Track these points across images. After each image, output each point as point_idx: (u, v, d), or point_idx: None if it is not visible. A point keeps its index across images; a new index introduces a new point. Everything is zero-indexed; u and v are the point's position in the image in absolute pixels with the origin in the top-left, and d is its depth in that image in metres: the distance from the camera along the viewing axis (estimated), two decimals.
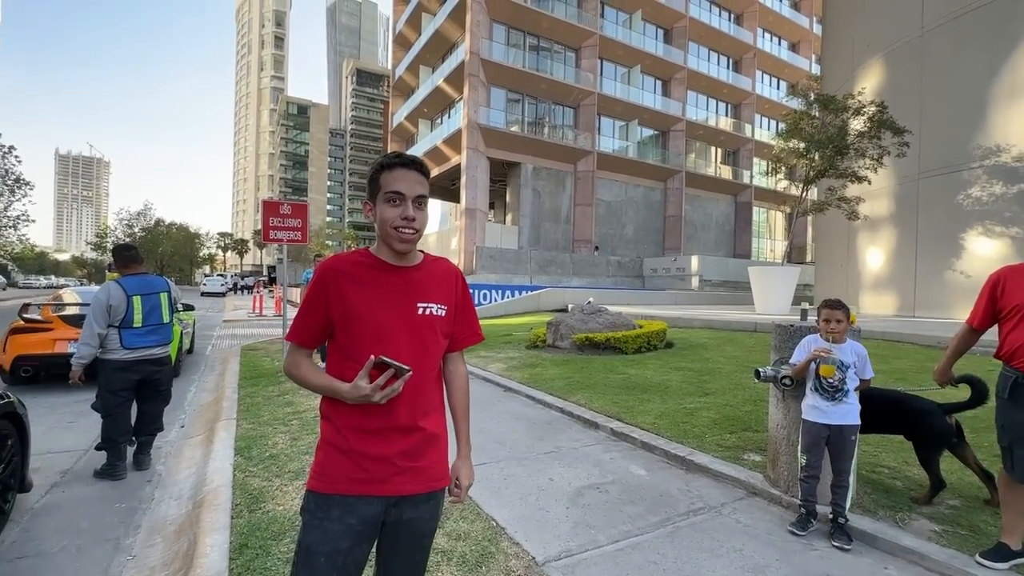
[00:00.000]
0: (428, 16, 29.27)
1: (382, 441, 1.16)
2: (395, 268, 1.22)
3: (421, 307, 1.22)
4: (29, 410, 5.04)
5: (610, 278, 26.65)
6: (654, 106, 29.51)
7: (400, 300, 1.19)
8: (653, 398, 5.17)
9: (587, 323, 7.99)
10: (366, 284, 1.19)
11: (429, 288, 1.25)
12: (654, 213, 30.66)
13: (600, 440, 4.24)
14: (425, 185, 1.20)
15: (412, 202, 1.16)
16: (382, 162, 1.19)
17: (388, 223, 1.16)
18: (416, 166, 1.18)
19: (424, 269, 1.27)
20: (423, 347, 1.21)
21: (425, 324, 1.21)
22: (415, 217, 1.16)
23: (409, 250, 1.21)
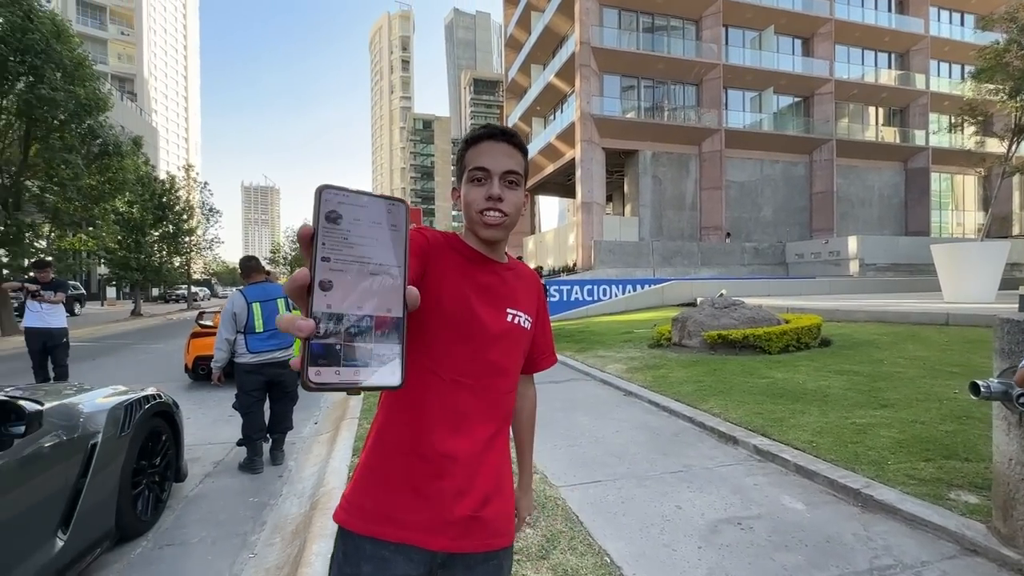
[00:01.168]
0: (537, 14, 29.23)
1: (436, 473, 0.91)
2: (488, 261, 1.02)
3: (511, 314, 1.02)
4: (202, 403, 5.91)
5: (745, 267, 24.01)
6: (793, 69, 25.89)
7: (491, 300, 0.99)
8: (808, 409, 4.27)
9: (719, 318, 7.07)
10: (457, 272, 0.97)
11: (517, 292, 1.05)
12: (797, 191, 26.92)
13: (740, 459, 3.56)
14: (518, 160, 0.98)
15: (499, 179, 0.96)
16: (467, 137, 1.00)
17: (473, 206, 0.97)
18: (506, 137, 0.98)
19: (512, 270, 1.07)
20: (506, 361, 1.00)
21: (513, 335, 1.01)
22: (502, 196, 0.96)
23: (498, 239, 1.00)
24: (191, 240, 25.70)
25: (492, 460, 0.97)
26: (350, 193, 0.50)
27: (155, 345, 11.60)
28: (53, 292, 5.65)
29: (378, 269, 0.51)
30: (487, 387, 0.96)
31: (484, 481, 0.95)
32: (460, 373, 0.94)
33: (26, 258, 12.82)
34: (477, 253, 1.01)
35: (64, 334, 5.79)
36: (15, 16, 11.21)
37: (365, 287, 0.50)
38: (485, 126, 0.99)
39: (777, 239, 25.96)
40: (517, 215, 0.99)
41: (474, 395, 0.94)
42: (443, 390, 0.93)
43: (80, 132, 13.53)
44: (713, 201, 24.75)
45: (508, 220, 0.97)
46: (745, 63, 25.14)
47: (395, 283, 0.52)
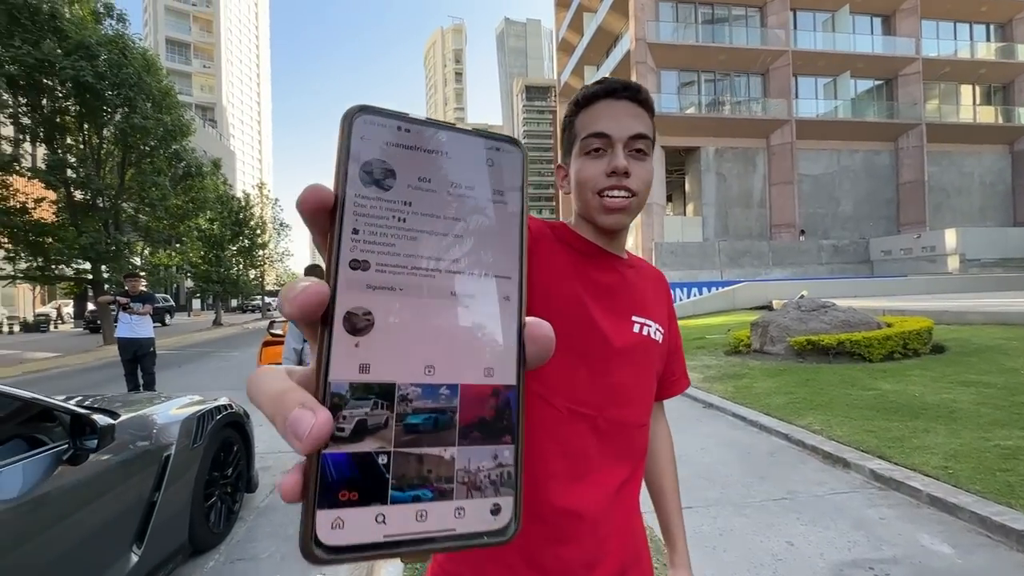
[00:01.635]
0: (589, 15, 28.82)
1: (557, 535, 0.68)
2: (607, 256, 0.80)
3: (638, 323, 0.78)
4: None
5: (823, 266, 22.21)
6: (872, 50, 23.80)
7: (612, 306, 0.76)
8: (934, 427, 3.67)
9: (807, 322, 6.40)
10: (570, 271, 0.76)
11: (645, 295, 0.82)
12: (881, 182, 24.64)
13: (855, 486, 3.08)
14: (646, 121, 0.76)
15: (623, 148, 0.73)
16: (577, 97, 0.79)
17: (588, 185, 0.75)
18: (629, 92, 0.75)
19: (635, 267, 0.84)
20: (636, 386, 0.76)
21: (642, 350, 0.77)
22: (629, 170, 0.73)
23: (623, 226, 0.78)
24: (264, 253, 27.36)
25: (624, 517, 0.74)
26: (412, 123, 0.26)
27: (232, 353, 12.28)
28: (141, 304, 6.01)
29: (468, 287, 0.26)
30: (613, 419, 0.72)
31: (618, 546, 0.72)
32: (578, 401, 0.71)
33: (123, 274, 14.06)
34: (593, 246, 0.79)
35: (151, 344, 6.13)
36: (113, 54, 12.35)
37: (441, 326, 0.25)
38: (601, 81, 0.76)
39: (859, 235, 23.86)
40: (646, 194, 0.76)
41: (597, 430, 0.71)
42: (558, 423, 0.70)
43: (167, 156, 14.71)
44: (784, 197, 23.14)
45: (636, 201, 0.75)
46: (817, 47, 23.41)
47: (503, 315, 0.26)
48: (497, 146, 0.28)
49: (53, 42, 11.50)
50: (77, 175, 13.06)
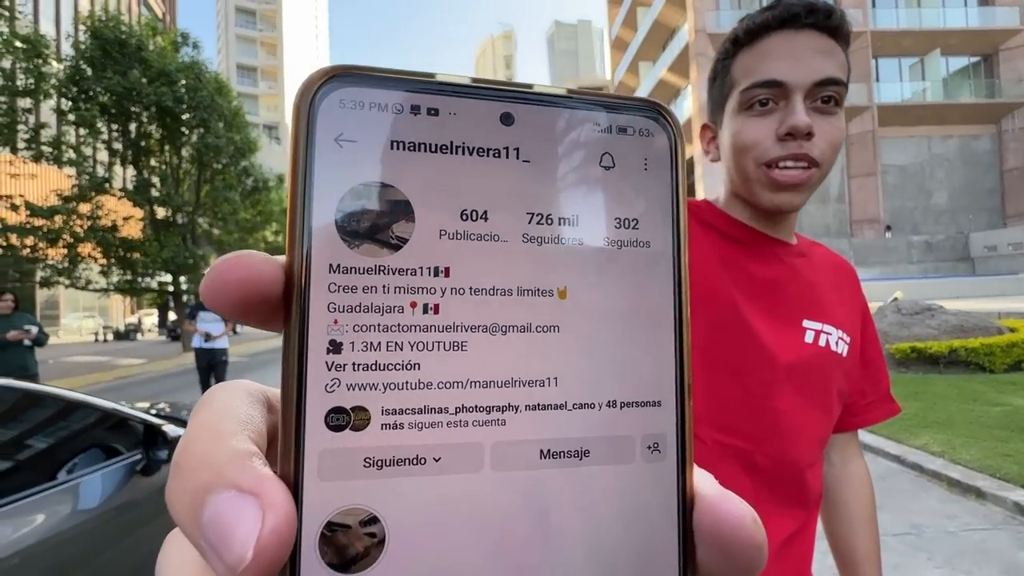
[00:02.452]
0: (644, 9, 28.07)
1: None
2: (770, 243, 0.62)
3: (813, 330, 0.60)
4: None
5: (914, 265, 20.20)
6: (966, 24, 21.47)
7: (777, 308, 0.60)
8: None
9: (910, 327, 5.69)
10: (716, 262, 0.60)
11: (822, 293, 0.63)
12: (981, 170, 22.11)
13: (997, 522, 2.58)
14: (840, 60, 0.58)
15: (806, 99, 0.55)
16: (736, 33, 0.60)
17: (751, 153, 0.58)
18: (815, 19, 0.56)
19: (807, 256, 0.65)
20: (808, 413, 0.59)
21: (819, 365, 0.60)
22: (812, 131, 0.55)
23: (794, 207, 0.60)
24: None
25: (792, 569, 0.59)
26: (442, 91, 0.14)
27: None
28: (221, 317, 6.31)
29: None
30: (776, 456, 0.57)
31: None
32: (730, 431, 0.57)
33: (196, 283, 15.12)
34: (751, 231, 0.62)
35: (224, 353, 6.44)
36: (189, 78, 13.33)
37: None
38: (774, 5, 0.57)
39: (956, 230, 21.52)
40: (832, 163, 0.58)
41: (754, 469, 0.57)
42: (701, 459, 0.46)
43: (237, 172, 15.70)
44: (866, 190, 21.29)
45: (818, 174, 0.57)
46: (900, 26, 21.45)
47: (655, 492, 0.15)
48: (626, 124, 0.15)
49: (139, 71, 12.56)
50: (160, 193, 14.18)
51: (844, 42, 0.59)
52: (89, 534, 1.58)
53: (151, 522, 1.82)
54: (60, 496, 1.54)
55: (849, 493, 0.68)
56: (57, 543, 1.43)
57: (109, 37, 12.20)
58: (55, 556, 1.44)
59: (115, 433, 1.94)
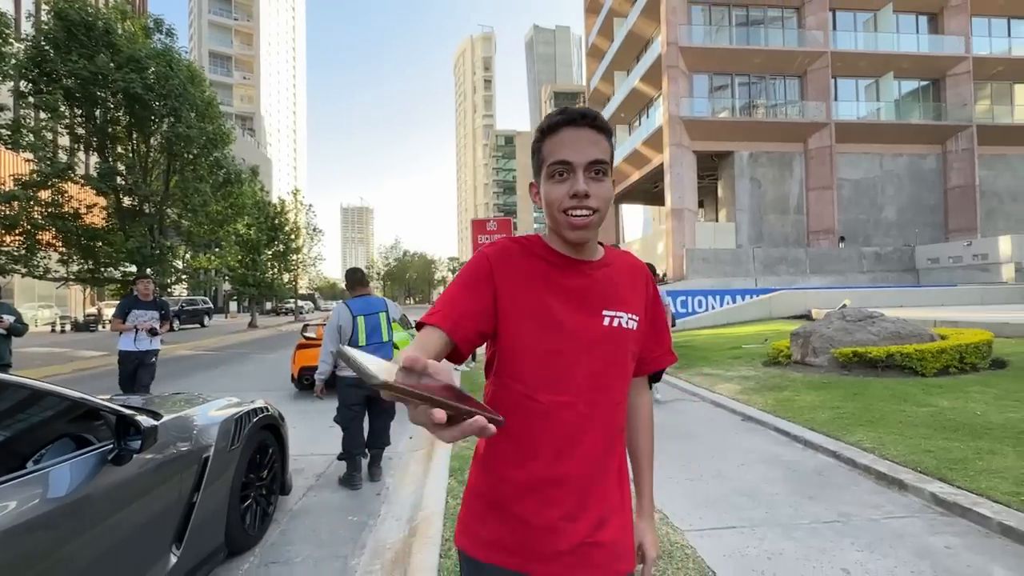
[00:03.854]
0: (620, 20, 28.65)
1: (542, 501, 0.86)
2: (576, 263, 0.92)
3: (608, 316, 0.90)
4: (304, 414, 6.13)
5: (864, 274, 21.31)
6: (917, 50, 22.85)
7: (581, 306, 0.89)
8: (1000, 449, 3.41)
9: (853, 333, 6.09)
10: (540, 282, 0.90)
11: (617, 290, 0.94)
12: (927, 187, 23.53)
13: (915, 510, 2.87)
14: (603, 146, 0.86)
15: (584, 172, 0.84)
16: (542, 126, 0.89)
17: (555, 205, 0.87)
18: (588, 120, 0.86)
19: (609, 266, 0.96)
20: (610, 372, 0.89)
21: (613, 339, 0.90)
22: (589, 192, 0.84)
23: (586, 239, 0.89)
24: (298, 258, 28.08)
25: (605, 480, 0.90)
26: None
27: (268, 355, 12.58)
28: (152, 314, 5.27)
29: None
30: (591, 402, 0.87)
31: (597, 503, 0.88)
32: (558, 391, 0.86)
33: (168, 277, 14.62)
34: (562, 257, 0.91)
35: (155, 356, 5.37)
36: (160, 66, 12.92)
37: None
38: (562, 111, 0.86)
39: (903, 242, 22.82)
40: (607, 210, 0.87)
41: (577, 413, 0.86)
42: (542, 413, 0.86)
43: (209, 164, 15.27)
44: (823, 202, 22.35)
45: (597, 217, 0.86)
46: (857, 48, 22.64)
47: None
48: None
49: (106, 56, 12.11)
50: (126, 182, 13.68)
51: (607, 134, 0.87)
52: (58, 523, 1.60)
53: (121, 511, 1.86)
54: (29, 485, 1.55)
55: (636, 414, 1.03)
56: (26, 531, 1.45)
57: (75, 19, 11.72)
58: (23, 544, 1.44)
59: (87, 423, 1.97)
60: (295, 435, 4.95)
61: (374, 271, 57.83)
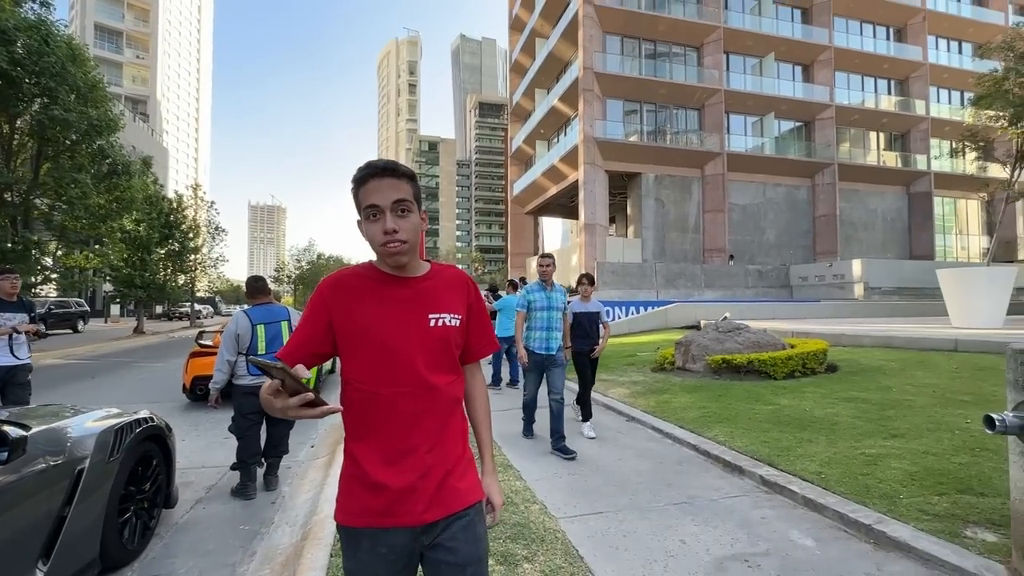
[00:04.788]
0: (541, 40, 29.90)
1: (399, 470, 1.08)
2: (401, 279, 1.15)
3: (433, 318, 1.14)
4: (197, 425, 5.83)
5: (749, 289, 23.92)
6: (793, 95, 26.25)
7: (409, 312, 1.12)
8: (816, 438, 4.16)
9: (724, 342, 6.98)
10: (371, 298, 1.12)
11: (439, 297, 1.17)
12: (800, 214, 27.00)
13: (746, 490, 3.45)
14: (404, 189, 1.09)
15: (391, 212, 1.07)
16: (354, 178, 1.11)
17: (374, 241, 1.10)
18: (388, 172, 1.09)
19: (433, 278, 1.19)
20: (439, 361, 1.13)
21: (439, 336, 1.13)
22: (396, 228, 1.07)
23: (403, 263, 1.12)
24: (196, 258, 25.86)
25: (446, 443, 1.13)
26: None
27: (156, 364, 11.55)
28: (27, 316, 4.44)
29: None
30: (427, 387, 1.10)
31: (442, 461, 1.11)
32: (398, 384, 1.08)
33: (32, 275, 12.90)
34: (389, 276, 1.14)
35: (28, 371, 4.50)
36: (33, 40, 11.50)
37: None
38: (367, 165, 1.09)
39: (781, 262, 25.93)
40: (416, 236, 1.11)
41: (416, 398, 1.09)
42: (388, 403, 1.08)
43: (90, 152, 13.75)
44: (716, 224, 24.81)
45: (408, 245, 1.09)
46: (746, 89, 25.51)
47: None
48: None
49: None
50: None
51: (408, 179, 1.10)
52: None
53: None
54: None
55: (472, 391, 1.30)
56: None
57: None
58: None
59: None
60: (185, 447, 4.75)
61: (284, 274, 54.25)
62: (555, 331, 4.50)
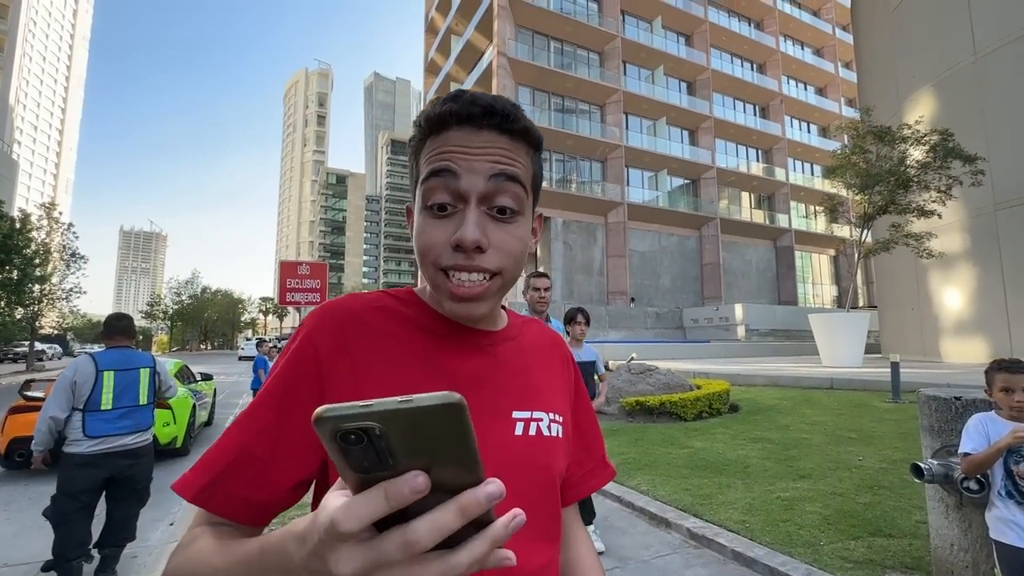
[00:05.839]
0: (456, 85, 30.66)
1: None
2: (470, 334, 0.59)
3: (522, 421, 0.58)
4: (9, 503, 4.53)
5: (649, 330, 25.39)
6: (682, 155, 29.31)
7: (483, 404, 0.55)
8: (733, 482, 4.17)
9: (636, 384, 7.05)
10: (409, 363, 0.56)
11: (530, 376, 0.62)
12: (690, 262, 29.65)
13: (676, 546, 3.28)
14: (520, 159, 0.54)
15: (479, 206, 0.52)
16: (422, 116, 0.55)
17: (430, 256, 0.54)
18: (496, 119, 0.52)
19: (515, 339, 0.64)
20: (534, 510, 0.49)
21: (530, 458, 0.56)
22: (485, 243, 0.52)
23: (475, 317, 0.56)
24: (42, 289, 21.85)
25: None
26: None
27: None
28: None
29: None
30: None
31: None
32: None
33: None
34: (448, 323, 0.59)
35: None
36: None
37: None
38: (456, 96, 0.54)
39: (675, 305, 28.01)
40: (517, 268, 0.56)
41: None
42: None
43: None
44: (618, 268, 26.31)
45: (498, 283, 0.55)
46: (643, 146, 28.01)
47: None
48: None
49: None
50: None
51: (528, 139, 0.55)
52: None
53: None
54: None
55: (576, 560, 0.67)
56: None
57: None
58: None
59: None
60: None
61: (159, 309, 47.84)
62: None
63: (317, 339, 0.55)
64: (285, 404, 0.52)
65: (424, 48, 36.74)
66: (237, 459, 0.51)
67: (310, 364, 0.53)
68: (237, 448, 0.51)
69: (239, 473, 0.50)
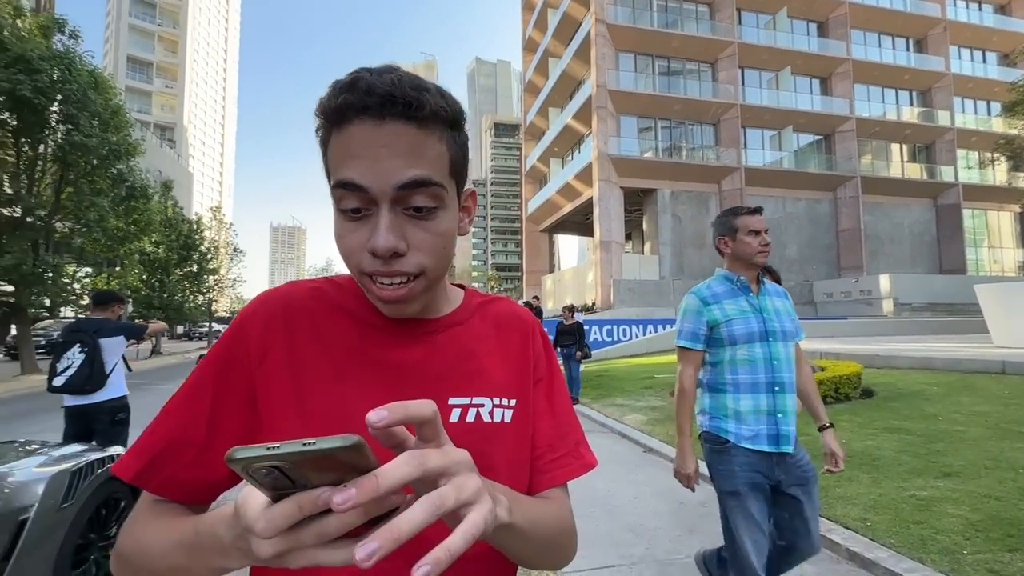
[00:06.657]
0: (555, 60, 30.09)
1: None
2: (405, 323, 0.57)
3: (459, 407, 0.56)
4: None
5: None
6: (812, 108, 25.77)
7: (415, 392, 0.52)
8: (857, 475, 3.73)
9: None
10: (340, 355, 0.55)
11: (473, 360, 0.59)
12: (823, 228, 26.23)
13: None
14: (434, 151, 0.50)
15: (392, 207, 0.48)
16: (325, 105, 0.49)
17: (351, 260, 0.51)
18: (398, 109, 0.47)
19: (462, 323, 0.61)
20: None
21: (469, 442, 0.47)
22: (398, 246, 0.49)
23: (405, 315, 0.55)
24: (215, 279, 26.25)
25: None
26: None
27: (166, 386, 11.48)
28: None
29: None
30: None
31: None
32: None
33: (46, 295, 13.09)
34: (380, 316, 0.56)
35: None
36: (58, 69, 11.87)
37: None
38: (352, 83, 0.47)
39: (804, 278, 25.13)
40: (442, 262, 0.53)
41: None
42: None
43: (110, 176, 14.05)
44: None
45: (422, 282, 0.52)
46: (763, 103, 25.14)
47: None
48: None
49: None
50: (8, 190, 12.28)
51: (446, 122, 0.50)
52: None
53: None
54: None
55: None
56: None
57: None
58: None
59: None
60: None
61: None
62: (786, 394, 1.84)
63: (249, 327, 0.55)
64: (219, 392, 0.53)
65: (521, 26, 36.50)
66: (172, 444, 0.52)
67: (241, 355, 0.54)
68: (172, 433, 0.52)
69: (175, 459, 0.51)
